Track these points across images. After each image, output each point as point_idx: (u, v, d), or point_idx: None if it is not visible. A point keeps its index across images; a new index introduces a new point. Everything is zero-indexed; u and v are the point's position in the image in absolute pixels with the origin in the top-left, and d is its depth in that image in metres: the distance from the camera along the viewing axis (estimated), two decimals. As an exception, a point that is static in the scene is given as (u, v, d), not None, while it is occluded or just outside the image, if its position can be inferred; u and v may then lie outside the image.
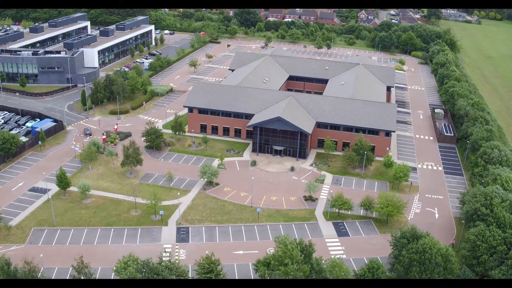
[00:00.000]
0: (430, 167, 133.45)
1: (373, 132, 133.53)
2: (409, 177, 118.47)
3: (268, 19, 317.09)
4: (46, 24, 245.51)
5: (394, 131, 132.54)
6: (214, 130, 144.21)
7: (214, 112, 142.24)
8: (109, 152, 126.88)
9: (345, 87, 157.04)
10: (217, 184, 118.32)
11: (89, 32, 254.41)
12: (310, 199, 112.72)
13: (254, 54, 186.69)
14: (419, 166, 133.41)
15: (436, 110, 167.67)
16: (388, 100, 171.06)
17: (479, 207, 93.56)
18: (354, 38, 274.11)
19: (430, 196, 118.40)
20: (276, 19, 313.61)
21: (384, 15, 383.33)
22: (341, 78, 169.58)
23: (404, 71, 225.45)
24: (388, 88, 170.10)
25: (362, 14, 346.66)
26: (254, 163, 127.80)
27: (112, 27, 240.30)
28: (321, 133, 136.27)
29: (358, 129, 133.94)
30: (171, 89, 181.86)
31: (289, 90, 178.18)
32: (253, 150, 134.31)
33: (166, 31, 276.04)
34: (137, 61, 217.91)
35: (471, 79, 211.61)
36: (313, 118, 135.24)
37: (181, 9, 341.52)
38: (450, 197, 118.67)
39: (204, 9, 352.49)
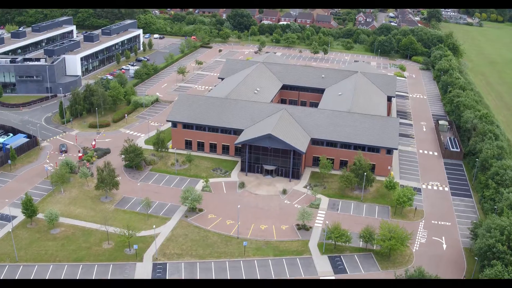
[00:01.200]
0: (435, 187, 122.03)
1: (374, 149, 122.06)
2: (413, 201, 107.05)
3: (262, 22, 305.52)
4: (29, 29, 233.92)
5: (396, 149, 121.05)
6: (200, 146, 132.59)
7: (200, 127, 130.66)
8: (83, 174, 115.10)
9: (342, 98, 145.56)
10: (200, 210, 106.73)
11: (74, 37, 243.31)
12: (303, 228, 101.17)
13: (245, 61, 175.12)
14: (424, 186, 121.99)
15: (440, 122, 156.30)
16: (389, 111, 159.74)
17: (494, 243, 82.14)
18: (352, 42, 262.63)
19: (436, 222, 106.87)
20: (270, 22, 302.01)
21: (383, 17, 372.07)
22: (339, 88, 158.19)
23: (405, 77, 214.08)
24: (389, 98, 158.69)
25: (360, 16, 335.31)
26: (242, 185, 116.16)
27: (98, 31, 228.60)
28: (316, 150, 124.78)
29: (357, 147, 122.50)
30: (156, 99, 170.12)
31: (282, 100, 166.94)
32: (242, 170, 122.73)
33: (156, 35, 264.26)
34: (122, 68, 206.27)
35: (475, 87, 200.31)
36: (308, 134, 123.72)
37: (172, 12, 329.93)
38: (459, 223, 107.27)
39: (196, 11, 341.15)
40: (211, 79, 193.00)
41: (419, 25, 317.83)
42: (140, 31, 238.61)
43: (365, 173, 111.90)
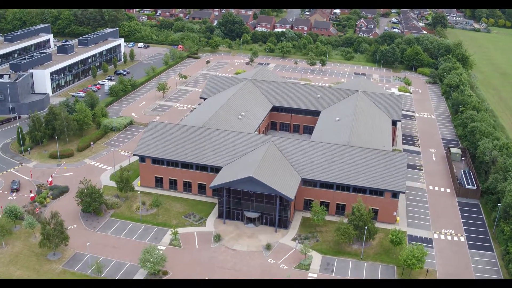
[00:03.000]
0: (449, 237, 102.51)
1: (376, 192, 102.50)
2: (424, 263, 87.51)
3: (256, 29, 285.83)
4: (1, 38, 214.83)
5: (403, 192, 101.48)
6: (173, 184, 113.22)
7: (172, 163, 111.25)
8: (28, 224, 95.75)
9: (340, 125, 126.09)
10: (165, 273, 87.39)
11: (51, 46, 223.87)
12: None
13: (231, 78, 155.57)
14: (436, 235, 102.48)
15: (452, 150, 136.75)
16: (394, 136, 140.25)
17: None
18: (352, 52, 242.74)
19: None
20: (265, 29, 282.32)
21: (385, 23, 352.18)
22: (336, 110, 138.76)
23: (411, 93, 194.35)
24: (394, 122, 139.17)
25: (361, 22, 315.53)
26: (218, 238, 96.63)
27: (73, 42, 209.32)
28: (308, 192, 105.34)
29: (356, 189, 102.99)
30: (130, 122, 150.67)
31: (272, 123, 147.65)
32: (220, 216, 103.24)
33: (140, 44, 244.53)
34: (98, 83, 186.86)
35: (488, 104, 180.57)
36: (298, 173, 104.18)
37: (161, 18, 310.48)
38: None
39: (186, 17, 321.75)
40: (195, 96, 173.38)
41: (424, 32, 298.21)
42: (121, 41, 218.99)
43: (366, 227, 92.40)
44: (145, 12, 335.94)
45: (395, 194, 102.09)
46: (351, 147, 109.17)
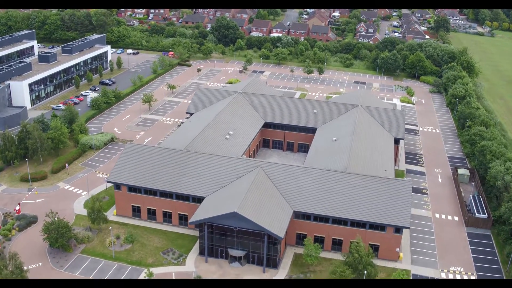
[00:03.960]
0: (458, 275, 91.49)
1: (377, 227, 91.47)
2: (432, 313, 76.55)
3: (251, 33, 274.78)
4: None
5: (408, 228, 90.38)
6: (151, 214, 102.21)
7: (150, 192, 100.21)
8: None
9: (337, 146, 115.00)
10: (135, 326, 76.27)
11: (35, 53, 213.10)
12: None
13: (220, 91, 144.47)
14: (443, 274, 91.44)
15: (459, 171, 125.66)
16: (396, 156, 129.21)
17: None
18: (351, 59, 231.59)
19: None
20: (260, 34, 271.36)
21: (386, 26, 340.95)
22: (334, 127, 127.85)
23: (413, 103, 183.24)
24: (397, 141, 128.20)
25: (361, 26, 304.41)
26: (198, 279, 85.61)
27: (56, 49, 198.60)
28: (301, 225, 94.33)
29: (355, 223, 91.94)
30: (111, 139, 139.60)
31: (264, 140, 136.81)
32: (201, 253, 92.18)
33: (129, 51, 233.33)
34: (81, 94, 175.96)
35: (496, 117, 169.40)
36: (290, 204, 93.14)
37: (153, 22, 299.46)
38: None
39: (180, 21, 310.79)
40: (184, 108, 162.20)
41: (426, 36, 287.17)
42: (108, 48, 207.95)
43: (365, 270, 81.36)
44: (137, 16, 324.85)
45: (398, 229, 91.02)
46: (349, 174, 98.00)
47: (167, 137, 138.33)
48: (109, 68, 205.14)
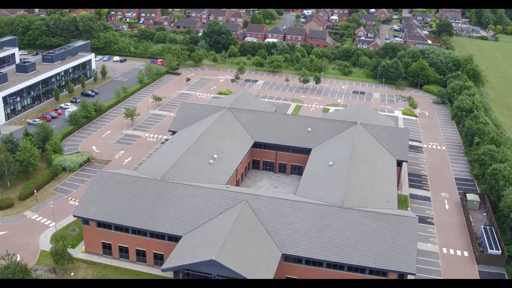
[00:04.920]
0: (472, 326, 79.71)
1: (379, 272, 79.81)
2: None
3: (245, 38, 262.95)
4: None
5: (413, 274, 78.67)
6: (124, 252, 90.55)
7: (121, 228, 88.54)
8: None
9: (333, 173, 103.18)
10: None
11: (17, 61, 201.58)
12: None
13: (206, 107, 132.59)
14: (454, 325, 79.70)
15: (468, 197, 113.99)
16: (399, 179, 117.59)
17: None
18: (350, 66, 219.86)
19: None
20: (255, 39, 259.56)
21: (386, 30, 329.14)
22: (330, 148, 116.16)
23: (416, 116, 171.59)
24: (399, 163, 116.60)
25: (361, 31, 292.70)
26: (172, 338, 73.90)
27: (36, 58, 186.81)
28: (291, 269, 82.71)
29: (352, 268, 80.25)
30: (87, 159, 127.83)
31: (254, 161, 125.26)
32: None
33: (116, 58, 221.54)
34: (61, 107, 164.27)
35: (505, 131, 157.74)
36: (278, 247, 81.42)
37: (143, 26, 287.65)
38: None
39: (171, 25, 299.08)
40: (169, 122, 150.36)
41: (429, 41, 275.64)
42: (92, 56, 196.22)
43: (365, 330, 69.78)
44: (127, 20, 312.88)
45: (402, 275, 79.36)
46: (346, 209, 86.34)
47: (148, 156, 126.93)
48: (92, 77, 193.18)
